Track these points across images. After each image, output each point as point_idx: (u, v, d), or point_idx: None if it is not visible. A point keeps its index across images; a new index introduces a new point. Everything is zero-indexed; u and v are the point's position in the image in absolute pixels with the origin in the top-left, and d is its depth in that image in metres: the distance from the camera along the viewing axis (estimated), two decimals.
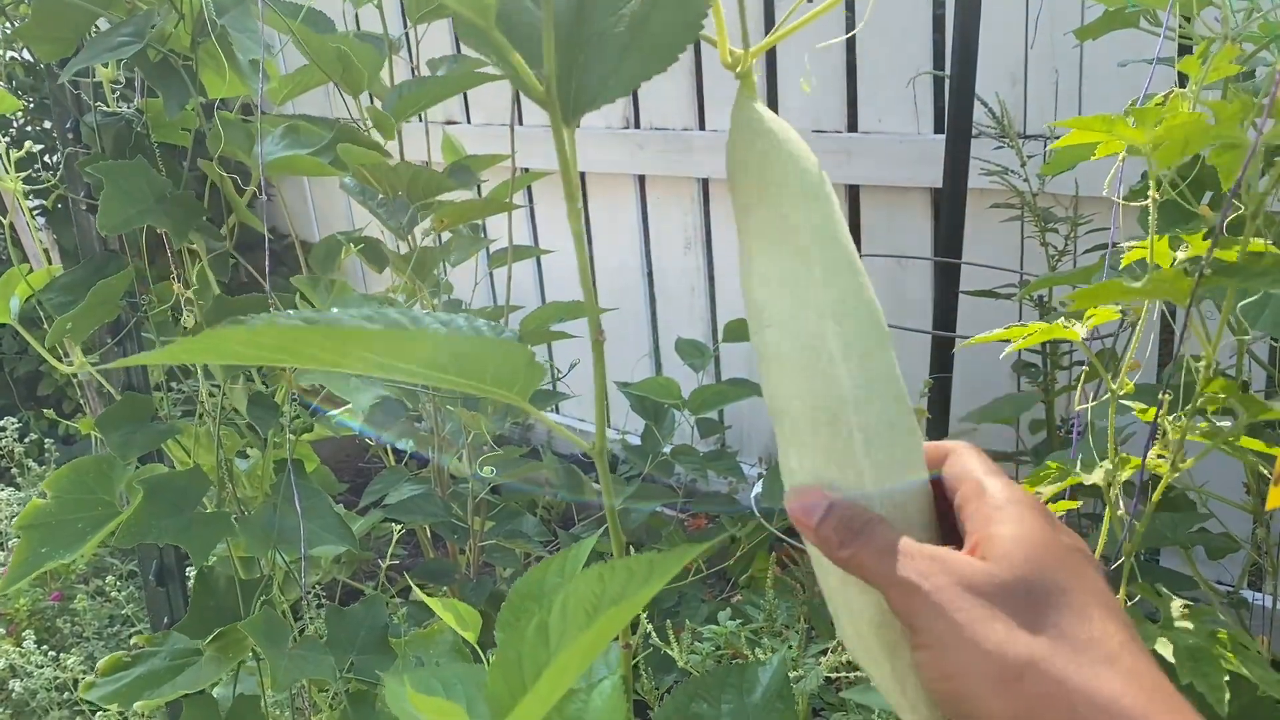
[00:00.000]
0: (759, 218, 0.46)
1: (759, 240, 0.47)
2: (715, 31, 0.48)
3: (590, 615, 0.50)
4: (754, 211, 0.47)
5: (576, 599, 0.51)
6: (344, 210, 3.14)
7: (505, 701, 0.50)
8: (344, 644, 1.06)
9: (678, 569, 0.48)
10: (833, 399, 0.44)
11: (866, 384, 0.44)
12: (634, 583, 0.49)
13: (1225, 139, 0.63)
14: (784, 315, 0.46)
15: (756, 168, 0.47)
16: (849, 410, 0.44)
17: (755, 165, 0.47)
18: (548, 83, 0.45)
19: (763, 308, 0.47)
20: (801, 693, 1.09)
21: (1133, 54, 1.30)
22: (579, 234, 0.48)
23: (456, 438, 1.59)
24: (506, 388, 0.48)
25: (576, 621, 0.51)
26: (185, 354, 0.49)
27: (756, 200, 0.46)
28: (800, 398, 0.45)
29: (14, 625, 1.73)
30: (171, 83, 0.96)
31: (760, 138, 0.47)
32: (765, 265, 0.46)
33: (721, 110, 2.18)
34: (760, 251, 0.46)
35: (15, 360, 2.70)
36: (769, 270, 0.46)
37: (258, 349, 0.44)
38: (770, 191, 0.46)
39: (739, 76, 0.48)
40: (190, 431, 1.09)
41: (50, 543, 0.95)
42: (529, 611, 0.70)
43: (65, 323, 0.95)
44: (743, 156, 0.47)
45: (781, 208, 0.46)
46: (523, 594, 0.71)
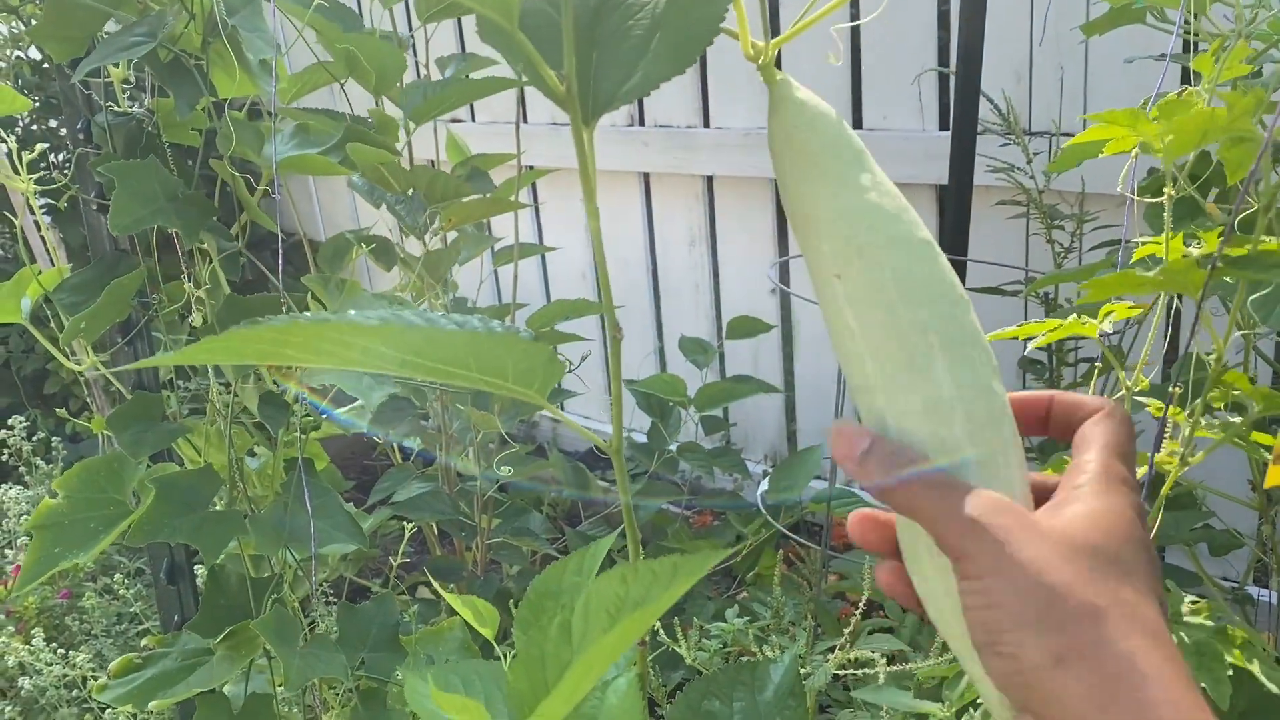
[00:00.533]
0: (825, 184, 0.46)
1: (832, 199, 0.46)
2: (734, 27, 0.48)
3: (613, 616, 0.51)
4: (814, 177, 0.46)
5: (599, 599, 0.52)
6: (349, 208, 3.15)
7: (527, 699, 0.50)
8: (355, 642, 1.07)
9: (703, 572, 0.48)
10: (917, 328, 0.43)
11: (933, 343, 0.43)
12: (658, 585, 0.49)
13: (1238, 132, 0.63)
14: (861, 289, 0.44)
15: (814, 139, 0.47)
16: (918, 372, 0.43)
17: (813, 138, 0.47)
18: (568, 83, 0.46)
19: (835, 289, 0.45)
20: (810, 690, 1.10)
21: (1138, 51, 1.30)
22: (597, 233, 0.48)
23: (464, 435, 1.60)
24: (526, 385, 0.49)
25: (599, 622, 0.51)
26: (209, 354, 0.49)
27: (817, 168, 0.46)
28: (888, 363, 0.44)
29: (23, 623, 1.73)
30: (183, 83, 0.96)
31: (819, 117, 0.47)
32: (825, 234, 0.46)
33: (726, 108, 2.19)
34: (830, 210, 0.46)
35: (22, 359, 2.70)
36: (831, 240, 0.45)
37: (283, 348, 0.45)
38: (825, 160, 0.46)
39: (761, 68, 0.48)
40: (200, 430, 1.10)
41: (63, 542, 0.96)
42: (547, 610, 0.70)
43: (79, 322, 0.96)
44: (799, 133, 0.47)
45: (846, 173, 0.46)
46: (541, 592, 0.72)
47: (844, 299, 0.45)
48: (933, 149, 1.83)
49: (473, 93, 1.29)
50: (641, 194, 2.42)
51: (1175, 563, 1.53)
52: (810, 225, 0.46)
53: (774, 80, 0.48)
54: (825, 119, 0.47)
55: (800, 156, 0.47)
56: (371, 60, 1.12)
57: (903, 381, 0.43)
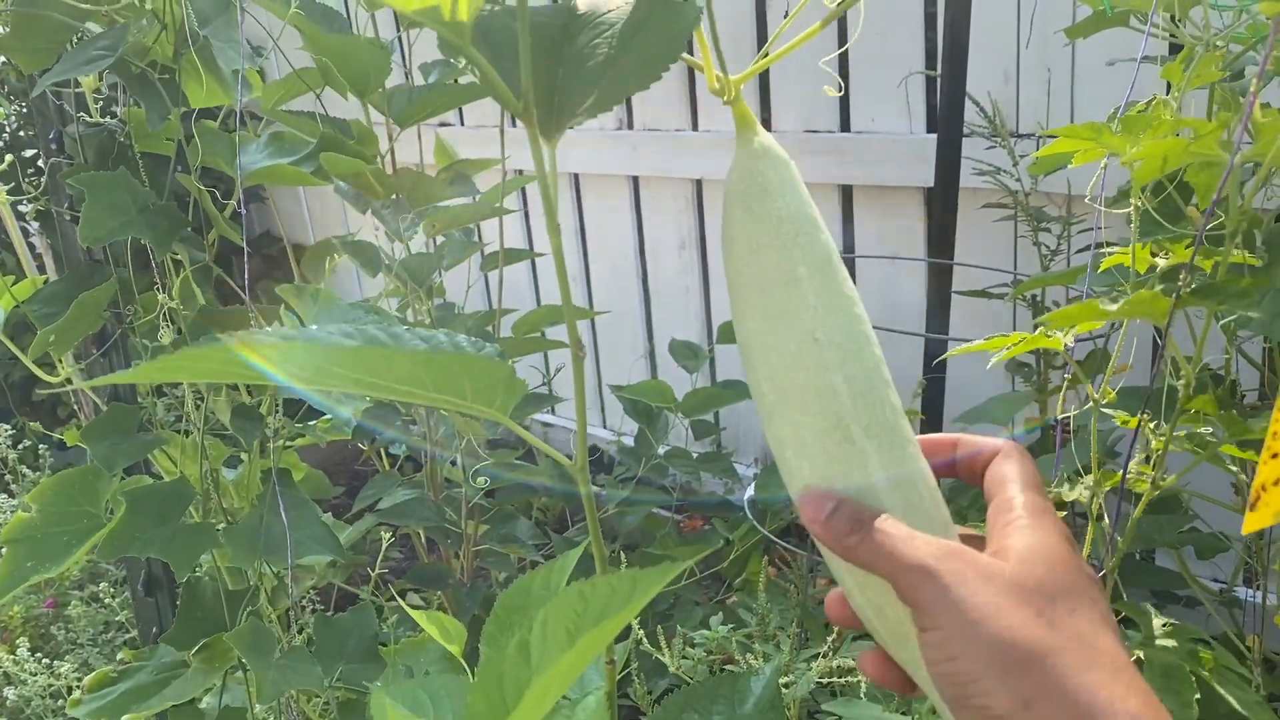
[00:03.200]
0: (755, 235, 0.47)
1: (756, 257, 0.47)
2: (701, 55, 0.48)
3: (572, 634, 0.50)
4: (747, 231, 0.47)
5: (558, 617, 0.51)
6: (338, 213, 3.14)
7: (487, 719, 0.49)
8: (333, 653, 1.06)
9: (661, 586, 0.47)
10: (834, 405, 0.45)
11: (863, 383, 0.46)
12: (616, 601, 0.48)
13: (1203, 157, 0.63)
14: (775, 340, 0.47)
15: (754, 196, 0.47)
16: (848, 412, 0.45)
17: (754, 193, 0.47)
18: (525, 97, 0.45)
19: (751, 340, 0.48)
20: (793, 699, 1.09)
21: (1124, 53, 1.29)
22: (558, 249, 0.47)
23: (450, 441, 1.59)
24: (487, 404, 0.48)
25: (557, 641, 0.50)
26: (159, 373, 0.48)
27: (750, 223, 0.47)
28: (801, 407, 0.46)
29: (8, 632, 1.72)
30: (153, 94, 0.95)
31: (767, 169, 0.47)
32: (761, 281, 0.47)
33: (714, 112, 2.18)
34: (755, 270, 0.47)
35: (9, 365, 2.69)
36: (766, 288, 0.47)
37: (233, 367, 0.44)
38: (759, 216, 0.47)
39: (728, 103, 0.48)
40: (177, 442, 1.09)
41: (36, 556, 0.95)
42: (514, 625, 0.69)
43: (49, 335, 0.95)
44: (747, 185, 0.47)
45: (774, 229, 0.47)
46: (508, 607, 0.71)
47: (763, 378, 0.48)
48: (920, 151, 1.83)
49: (458, 98, 1.28)
50: (631, 197, 2.42)
51: (1163, 565, 1.53)
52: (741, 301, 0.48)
53: (748, 127, 0.47)
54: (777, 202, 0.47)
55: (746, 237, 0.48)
56: (355, 62, 1.11)
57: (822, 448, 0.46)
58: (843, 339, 0.46)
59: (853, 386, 0.45)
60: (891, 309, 2.00)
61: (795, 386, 0.46)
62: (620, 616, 0.48)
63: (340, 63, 1.07)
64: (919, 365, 1.64)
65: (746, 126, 0.48)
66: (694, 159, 2.23)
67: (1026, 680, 0.37)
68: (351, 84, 1.09)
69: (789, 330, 0.46)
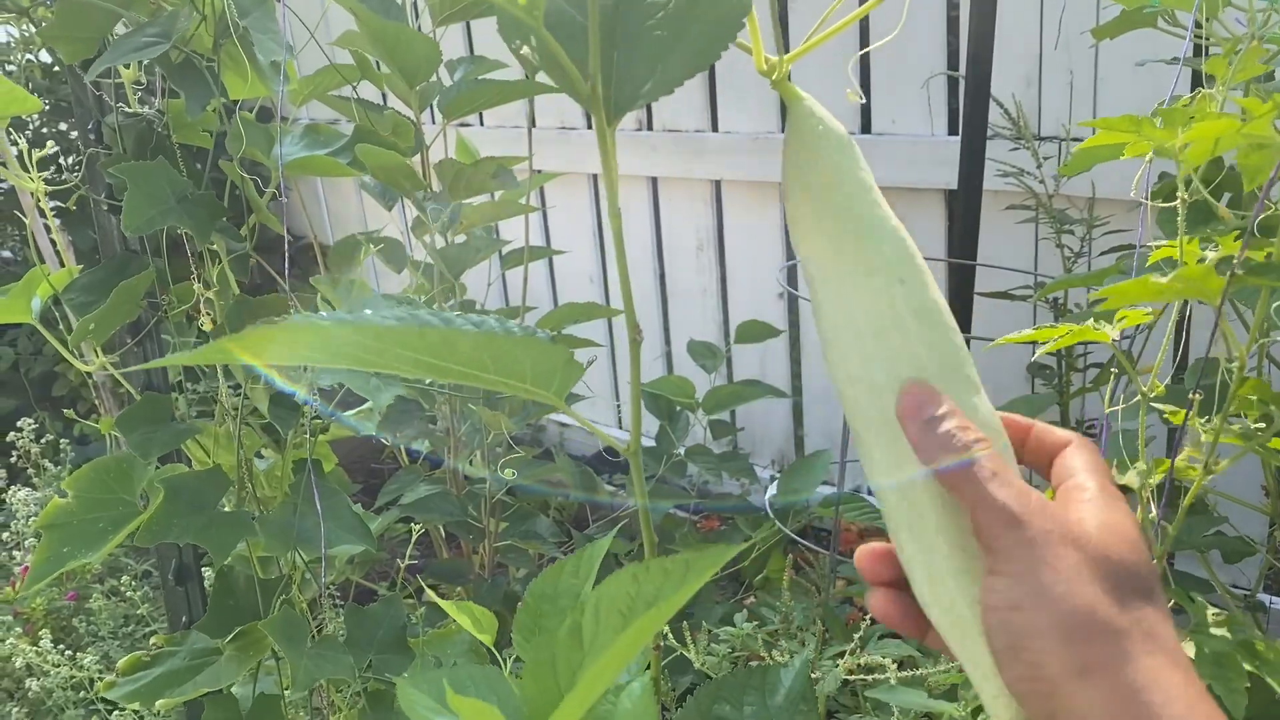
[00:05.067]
0: (835, 220, 0.47)
1: (837, 239, 0.47)
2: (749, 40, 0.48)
3: (625, 616, 0.50)
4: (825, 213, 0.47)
5: (610, 600, 0.51)
6: (357, 212, 3.15)
7: (539, 703, 0.50)
8: (363, 643, 1.06)
9: (715, 570, 0.48)
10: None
11: (941, 378, 0.45)
12: (670, 584, 0.49)
13: (1257, 138, 0.63)
14: (855, 313, 0.46)
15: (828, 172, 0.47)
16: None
17: (826, 170, 0.47)
18: (593, 83, 0.45)
19: (835, 305, 0.47)
20: (820, 695, 1.09)
21: (1148, 55, 1.30)
22: (618, 232, 0.48)
23: (472, 438, 1.59)
24: (545, 386, 0.48)
25: (610, 623, 0.51)
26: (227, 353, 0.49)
27: (827, 204, 0.47)
28: (871, 390, 0.45)
29: (30, 624, 1.73)
30: (194, 84, 0.96)
31: (834, 145, 0.47)
32: (840, 264, 0.47)
33: (734, 112, 2.18)
34: (834, 250, 0.47)
35: (31, 361, 2.71)
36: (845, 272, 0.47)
37: (299, 348, 0.45)
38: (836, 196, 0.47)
39: (775, 84, 0.48)
40: (210, 431, 1.09)
41: (72, 542, 0.96)
42: (546, 614, 0.70)
43: (88, 323, 0.96)
44: (815, 163, 0.47)
45: (855, 209, 0.47)
46: (539, 596, 0.71)
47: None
48: (942, 153, 1.83)
49: (507, 94, 1.28)
50: (650, 198, 2.42)
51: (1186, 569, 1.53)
52: (815, 263, 0.47)
53: (795, 98, 0.47)
54: (839, 155, 0.47)
55: (810, 193, 0.47)
56: (408, 53, 1.11)
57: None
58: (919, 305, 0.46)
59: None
60: None
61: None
62: (675, 599, 0.48)
63: (392, 53, 1.07)
64: None
65: (795, 98, 0.48)
66: (713, 160, 2.24)
67: (1089, 650, 0.37)
68: (403, 74, 1.10)
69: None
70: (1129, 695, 0.36)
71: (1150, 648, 0.38)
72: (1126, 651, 0.37)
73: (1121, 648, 0.37)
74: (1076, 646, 0.37)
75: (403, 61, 1.09)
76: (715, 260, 2.36)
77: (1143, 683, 0.37)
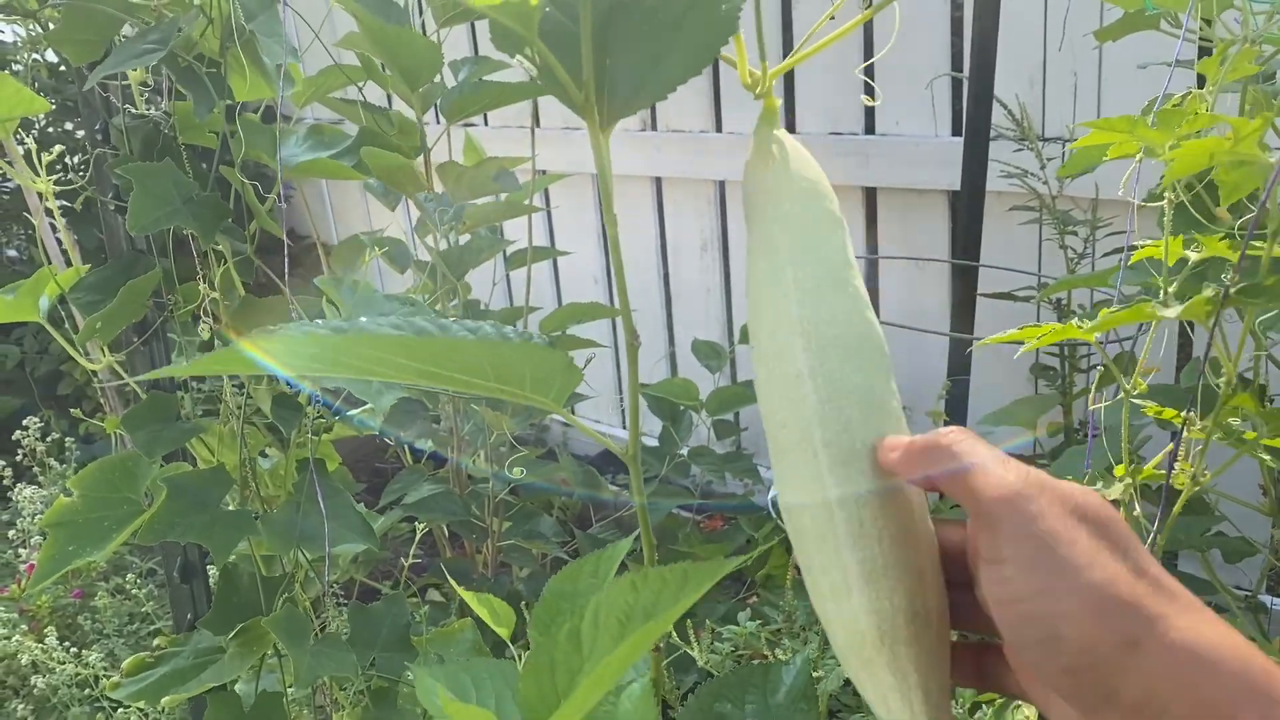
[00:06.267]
0: (754, 237, 0.49)
1: (753, 258, 0.49)
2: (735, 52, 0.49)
3: (623, 624, 0.51)
4: (752, 230, 0.49)
5: (609, 607, 0.51)
6: (362, 212, 3.16)
7: (537, 707, 0.50)
8: (366, 641, 1.07)
9: (713, 581, 0.48)
10: (800, 415, 0.46)
11: (831, 401, 0.45)
12: (668, 593, 0.49)
13: (1243, 157, 0.63)
14: (762, 331, 0.48)
15: (760, 193, 0.48)
16: (814, 427, 0.45)
17: (760, 190, 0.48)
18: (586, 88, 0.46)
19: (752, 321, 0.49)
20: (822, 693, 1.10)
21: (1152, 56, 1.30)
22: (615, 239, 0.48)
23: (475, 438, 1.60)
24: (543, 392, 0.49)
25: (609, 630, 0.51)
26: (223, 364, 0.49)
27: (754, 221, 0.49)
28: (776, 413, 0.47)
29: (36, 622, 1.74)
30: (200, 85, 0.97)
31: (771, 167, 0.48)
32: (755, 281, 0.48)
33: (739, 113, 2.19)
34: (753, 270, 0.48)
35: (36, 360, 2.72)
36: (757, 288, 0.48)
37: (298, 360, 0.45)
38: (761, 214, 0.48)
39: (759, 98, 0.49)
40: (214, 430, 1.10)
41: (77, 540, 0.96)
42: (563, 611, 0.70)
43: (95, 322, 0.96)
44: (753, 182, 0.48)
45: (769, 229, 0.48)
46: (557, 594, 0.71)
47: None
48: (945, 154, 1.83)
49: (509, 95, 1.28)
50: (654, 198, 2.43)
51: (1187, 570, 1.53)
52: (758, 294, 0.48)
53: (771, 116, 0.48)
54: (779, 182, 0.48)
55: (748, 215, 0.48)
56: (409, 56, 1.12)
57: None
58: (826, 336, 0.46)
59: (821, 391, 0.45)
60: (915, 312, 2.00)
61: (776, 380, 0.47)
62: (673, 610, 0.48)
63: (393, 56, 1.08)
64: (944, 368, 1.64)
65: (768, 122, 0.49)
66: (717, 160, 2.24)
67: (1130, 620, 0.36)
68: (404, 77, 1.10)
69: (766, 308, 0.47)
70: (1188, 654, 0.35)
71: (1180, 606, 0.37)
72: (1164, 614, 0.36)
73: (1159, 611, 0.36)
74: (1117, 620, 0.36)
75: (404, 64, 1.09)
76: (719, 260, 2.37)
77: (1193, 639, 0.36)
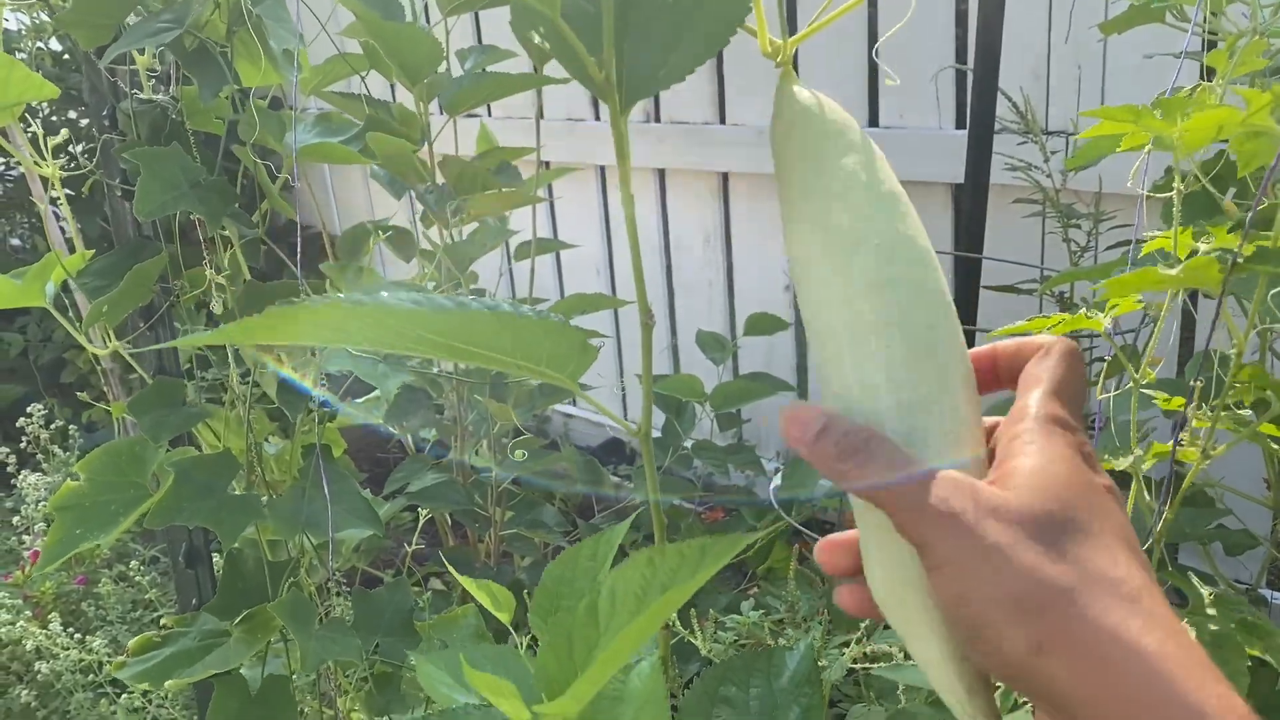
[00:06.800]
0: (795, 176, 0.48)
1: (793, 191, 0.48)
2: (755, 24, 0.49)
3: (640, 599, 0.51)
4: (791, 171, 0.48)
5: (626, 583, 0.52)
6: (364, 201, 3.16)
7: (556, 680, 0.51)
8: (370, 626, 1.07)
9: (730, 557, 0.49)
10: (857, 327, 0.42)
11: (890, 311, 0.42)
12: (685, 569, 0.49)
13: (1256, 127, 0.64)
14: (814, 257, 0.46)
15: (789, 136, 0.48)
16: (871, 339, 0.42)
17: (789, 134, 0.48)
18: (606, 69, 0.46)
19: (798, 262, 0.47)
20: (825, 681, 1.10)
21: (1157, 50, 1.30)
22: (631, 219, 0.49)
23: (479, 428, 1.60)
24: (560, 369, 0.49)
25: (626, 605, 0.52)
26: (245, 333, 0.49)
27: (792, 161, 0.48)
28: (831, 322, 0.44)
29: (40, 608, 1.75)
30: (207, 70, 0.97)
31: (798, 114, 0.48)
32: (798, 212, 0.47)
33: (741, 104, 2.19)
34: (793, 202, 0.48)
35: (40, 348, 2.72)
36: (801, 217, 0.47)
37: (318, 329, 0.45)
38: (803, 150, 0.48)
39: (779, 65, 0.49)
40: (220, 416, 1.11)
41: (84, 524, 0.97)
42: (563, 596, 0.70)
43: (101, 305, 0.97)
44: (784, 129, 0.49)
45: (810, 157, 0.48)
46: (556, 578, 0.72)
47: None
48: (949, 147, 1.84)
49: (508, 87, 1.28)
50: (657, 190, 2.43)
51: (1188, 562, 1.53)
52: (791, 205, 0.48)
53: (785, 79, 0.48)
54: (824, 116, 0.48)
55: (796, 145, 0.48)
56: (408, 51, 1.12)
57: (863, 351, 0.43)
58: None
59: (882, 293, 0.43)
60: None
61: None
62: (690, 584, 0.49)
63: (394, 50, 1.08)
64: None
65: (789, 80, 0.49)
66: (720, 152, 2.24)
67: (1039, 623, 0.36)
68: (405, 71, 1.11)
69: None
70: (1093, 664, 0.35)
71: (1105, 603, 0.36)
72: (1080, 614, 0.36)
73: (1073, 611, 0.36)
74: (1029, 624, 0.36)
75: (404, 58, 1.10)
76: (722, 252, 2.37)
77: (1104, 648, 0.35)
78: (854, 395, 0.42)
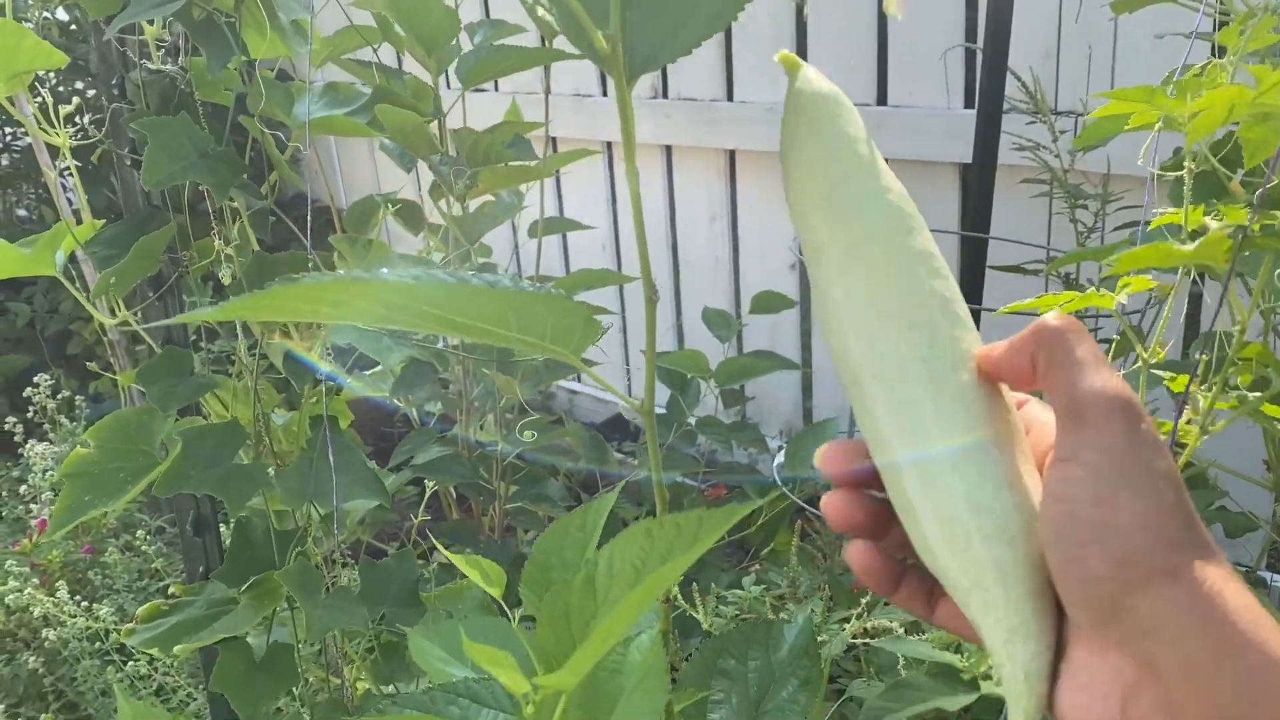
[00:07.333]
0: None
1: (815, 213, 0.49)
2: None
3: (638, 570, 0.51)
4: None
5: (624, 554, 0.52)
6: (371, 174, 3.16)
7: (554, 652, 0.51)
8: (376, 596, 1.08)
9: (727, 527, 0.49)
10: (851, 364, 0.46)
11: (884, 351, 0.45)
12: (683, 540, 0.50)
13: (1266, 108, 0.63)
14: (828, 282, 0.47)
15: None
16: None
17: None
18: (613, 42, 0.46)
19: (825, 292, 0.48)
20: (824, 657, 1.11)
21: (1168, 29, 1.29)
22: (636, 193, 0.49)
23: (484, 402, 1.61)
24: (564, 344, 0.49)
25: (624, 577, 0.52)
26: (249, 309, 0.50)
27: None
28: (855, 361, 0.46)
29: (47, 576, 1.76)
30: (215, 41, 0.97)
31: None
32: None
33: (750, 81, 2.18)
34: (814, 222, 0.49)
35: (46, 319, 2.73)
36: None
37: (320, 305, 0.46)
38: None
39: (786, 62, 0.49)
40: (227, 386, 1.11)
41: (93, 491, 0.98)
42: (554, 568, 0.71)
43: (110, 276, 0.97)
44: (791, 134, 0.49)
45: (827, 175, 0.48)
46: (545, 550, 0.72)
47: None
48: (957, 127, 1.83)
49: (528, 60, 1.28)
50: (664, 167, 2.42)
51: None
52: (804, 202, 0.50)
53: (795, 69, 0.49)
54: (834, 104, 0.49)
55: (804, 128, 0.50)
56: (426, 22, 1.12)
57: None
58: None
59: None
60: None
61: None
62: (686, 556, 0.49)
63: (410, 20, 1.08)
64: None
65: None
66: (728, 130, 2.24)
67: (1175, 552, 0.36)
68: (420, 41, 1.10)
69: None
70: (1209, 599, 0.35)
71: (1219, 565, 0.37)
72: (1199, 558, 0.36)
73: (1196, 553, 0.36)
74: (1163, 549, 0.36)
75: (420, 29, 1.09)
76: (728, 230, 2.37)
77: (1219, 588, 0.36)
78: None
